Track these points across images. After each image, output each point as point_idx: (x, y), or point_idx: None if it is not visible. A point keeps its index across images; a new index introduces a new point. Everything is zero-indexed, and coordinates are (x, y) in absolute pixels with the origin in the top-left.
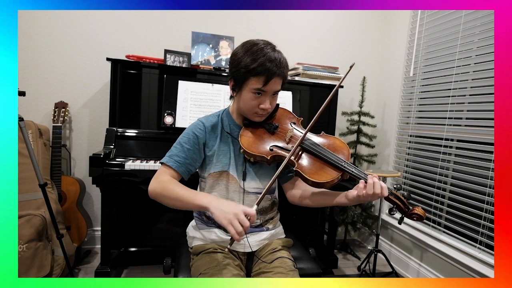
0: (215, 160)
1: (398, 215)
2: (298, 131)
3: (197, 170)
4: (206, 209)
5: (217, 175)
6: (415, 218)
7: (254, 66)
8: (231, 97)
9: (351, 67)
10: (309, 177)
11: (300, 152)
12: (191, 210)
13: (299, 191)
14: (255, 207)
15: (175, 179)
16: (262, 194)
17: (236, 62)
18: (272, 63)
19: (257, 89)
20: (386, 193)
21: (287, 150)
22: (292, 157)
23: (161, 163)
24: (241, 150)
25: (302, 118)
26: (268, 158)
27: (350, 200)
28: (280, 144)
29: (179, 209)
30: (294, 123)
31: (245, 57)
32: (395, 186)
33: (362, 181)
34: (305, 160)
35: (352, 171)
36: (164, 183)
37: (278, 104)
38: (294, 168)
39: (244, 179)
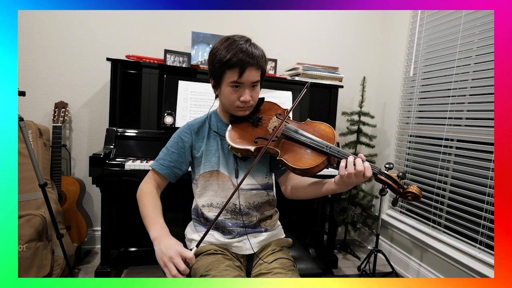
0: (203, 160)
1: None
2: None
3: (190, 171)
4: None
5: (208, 175)
6: (410, 198)
7: (228, 58)
8: (216, 96)
9: (306, 87)
10: (293, 164)
11: (283, 141)
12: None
13: (291, 184)
14: (194, 249)
15: (154, 193)
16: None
17: (212, 58)
18: (244, 54)
19: (234, 82)
20: (369, 172)
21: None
22: (276, 147)
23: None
24: (229, 147)
25: (287, 109)
26: (253, 151)
27: (337, 184)
28: (265, 135)
29: None
30: (280, 114)
31: (219, 52)
32: (386, 165)
33: (343, 160)
34: (288, 149)
35: (335, 153)
36: (142, 193)
37: (263, 98)
38: (278, 158)
39: (237, 176)
